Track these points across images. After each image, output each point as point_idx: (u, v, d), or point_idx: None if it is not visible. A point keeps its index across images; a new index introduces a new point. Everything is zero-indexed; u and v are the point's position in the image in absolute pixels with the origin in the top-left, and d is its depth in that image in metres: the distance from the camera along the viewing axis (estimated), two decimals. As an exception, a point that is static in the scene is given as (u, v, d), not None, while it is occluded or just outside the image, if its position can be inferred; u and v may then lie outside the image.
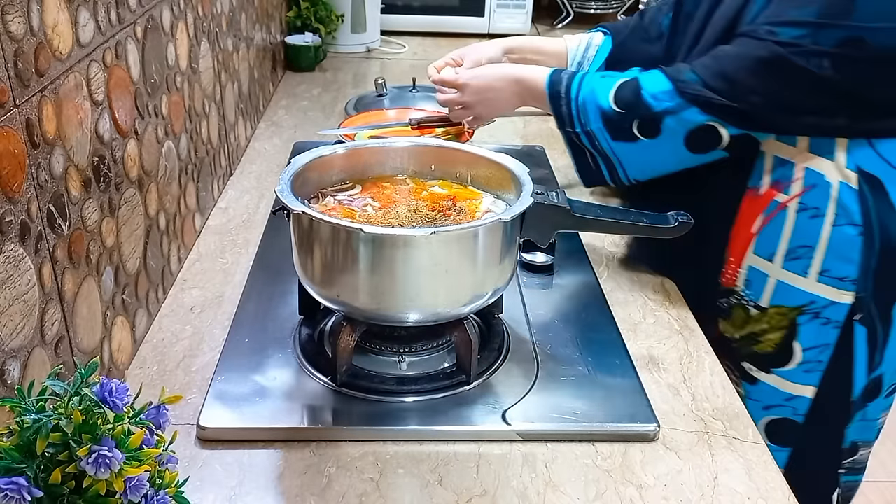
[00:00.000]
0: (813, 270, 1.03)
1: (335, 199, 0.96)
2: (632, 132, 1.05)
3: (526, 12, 2.34)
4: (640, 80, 1.05)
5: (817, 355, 1.07)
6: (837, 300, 1.03)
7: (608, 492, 0.78)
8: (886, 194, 0.99)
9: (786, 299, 1.06)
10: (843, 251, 1.01)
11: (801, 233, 1.03)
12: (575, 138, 1.10)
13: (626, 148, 1.06)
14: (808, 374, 1.08)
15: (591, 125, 1.07)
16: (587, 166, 1.12)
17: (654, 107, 1.02)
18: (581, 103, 1.08)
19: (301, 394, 0.88)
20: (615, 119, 1.05)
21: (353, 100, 1.73)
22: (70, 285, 0.77)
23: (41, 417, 0.53)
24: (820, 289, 1.04)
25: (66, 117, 0.76)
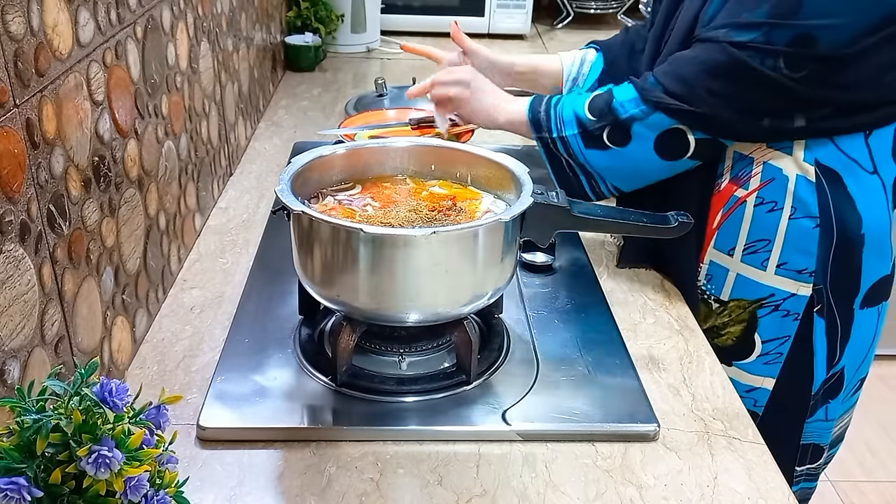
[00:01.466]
0: (771, 263, 1.05)
1: (335, 199, 0.96)
2: (602, 140, 1.06)
3: (526, 12, 2.34)
4: (612, 90, 1.07)
5: (777, 347, 1.08)
6: (796, 292, 1.05)
7: (608, 492, 0.78)
8: (844, 187, 1.01)
9: (745, 293, 1.08)
10: (801, 244, 1.03)
11: (759, 226, 1.05)
12: (551, 145, 1.10)
13: (599, 156, 1.07)
14: (767, 366, 1.09)
15: (565, 131, 1.08)
16: (565, 176, 1.12)
17: (621, 114, 1.04)
18: (559, 110, 1.10)
19: (301, 394, 0.88)
20: (588, 126, 1.06)
21: (353, 100, 1.73)
22: (70, 285, 0.77)
23: (41, 417, 0.53)
24: (779, 281, 1.05)
25: (66, 117, 0.76)
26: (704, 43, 1.00)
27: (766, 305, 1.07)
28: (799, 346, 1.07)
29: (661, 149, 1.04)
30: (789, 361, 1.09)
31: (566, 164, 1.11)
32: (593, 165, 1.09)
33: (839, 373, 1.10)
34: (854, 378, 1.13)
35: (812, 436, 1.13)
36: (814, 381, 1.09)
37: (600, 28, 2.59)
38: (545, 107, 1.12)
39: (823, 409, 1.11)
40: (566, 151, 1.09)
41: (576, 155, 1.09)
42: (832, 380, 1.10)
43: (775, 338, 1.08)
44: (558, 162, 1.12)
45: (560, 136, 1.09)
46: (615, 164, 1.07)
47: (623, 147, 1.05)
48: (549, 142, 1.11)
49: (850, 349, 1.09)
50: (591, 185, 1.11)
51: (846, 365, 1.10)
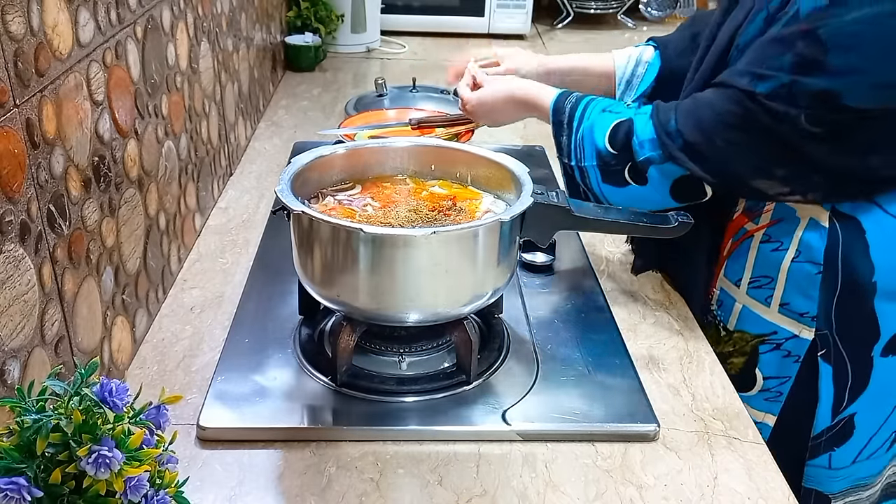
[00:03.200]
0: (774, 301, 1.03)
1: (335, 199, 0.96)
2: (623, 177, 1.01)
3: (526, 12, 2.34)
4: (633, 122, 1.00)
5: (777, 386, 1.05)
6: (799, 334, 1.01)
7: (608, 492, 0.78)
8: (862, 232, 0.95)
9: (749, 325, 1.06)
10: (802, 287, 1.00)
11: (763, 263, 1.03)
12: (570, 170, 1.07)
13: (614, 192, 1.03)
14: (768, 402, 1.06)
15: (585, 162, 1.04)
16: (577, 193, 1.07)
17: (638, 155, 0.99)
18: (580, 138, 1.04)
19: (301, 394, 0.88)
20: (608, 160, 1.01)
21: (353, 100, 1.73)
22: (70, 285, 0.77)
23: (41, 417, 0.53)
24: (782, 320, 1.02)
25: (66, 117, 0.76)
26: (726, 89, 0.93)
27: (769, 342, 1.05)
28: (801, 389, 1.03)
29: (676, 194, 1.00)
30: (789, 403, 1.05)
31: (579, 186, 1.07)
32: (609, 199, 1.04)
33: (846, 420, 1.03)
34: (867, 425, 1.04)
35: (813, 481, 1.07)
36: (815, 425, 1.03)
37: (600, 28, 2.59)
38: (567, 129, 1.06)
39: (827, 456, 1.05)
40: (582, 180, 1.05)
41: (592, 187, 1.04)
42: (837, 426, 1.03)
43: (776, 376, 1.05)
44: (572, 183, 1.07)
45: (579, 167, 1.05)
46: (629, 201, 1.02)
47: (641, 186, 1.00)
48: (566, 167, 1.07)
49: (866, 397, 1.01)
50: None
51: (858, 412, 1.02)
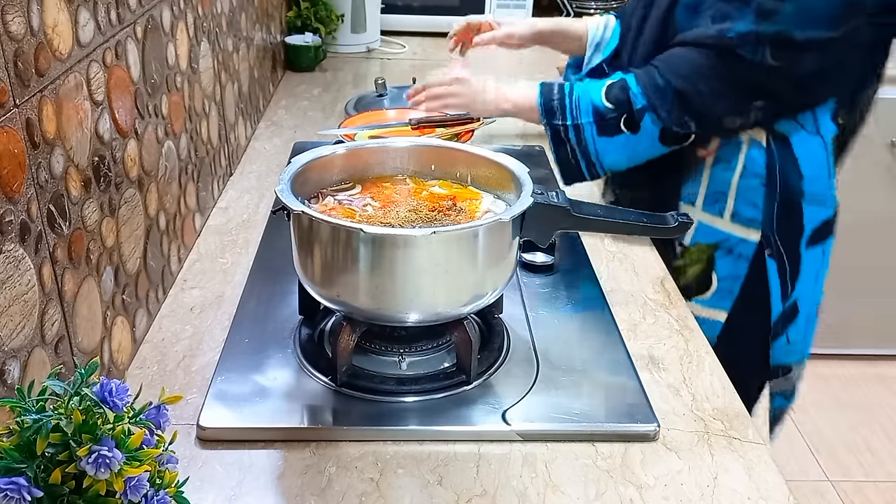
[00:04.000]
0: (727, 212, 1.23)
1: (335, 199, 0.96)
2: (618, 127, 1.17)
3: (526, 12, 2.33)
4: (626, 80, 1.17)
5: (730, 285, 1.26)
6: (747, 238, 1.23)
7: (608, 492, 0.78)
8: (791, 148, 1.18)
9: (704, 237, 1.25)
10: (749, 197, 1.21)
11: (715, 182, 1.23)
12: (562, 131, 1.20)
13: (607, 142, 1.18)
14: (721, 300, 1.27)
15: (581, 119, 1.19)
16: (567, 162, 1.23)
17: (636, 104, 1.15)
18: (575, 98, 1.20)
19: (301, 394, 0.88)
20: (605, 114, 1.17)
21: (353, 100, 1.73)
22: (70, 285, 0.77)
23: (41, 417, 0.53)
24: (733, 228, 1.23)
25: (66, 117, 0.76)
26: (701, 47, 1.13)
27: (722, 248, 1.25)
28: (750, 284, 1.25)
29: (664, 138, 1.17)
30: (741, 297, 1.26)
31: (570, 150, 1.21)
32: (600, 153, 1.20)
33: (794, 305, 1.29)
34: (811, 305, 1.32)
35: (779, 357, 1.32)
36: (772, 313, 1.26)
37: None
38: (559, 94, 1.21)
39: (784, 335, 1.30)
40: (576, 138, 1.19)
41: (586, 142, 1.19)
42: (788, 310, 1.28)
43: (729, 276, 1.25)
44: (564, 148, 1.21)
45: (574, 124, 1.19)
46: (620, 150, 1.19)
47: (633, 134, 1.17)
48: (560, 129, 1.20)
49: (800, 283, 1.27)
50: (589, 169, 1.23)
51: (799, 296, 1.28)
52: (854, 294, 2.48)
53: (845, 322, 2.54)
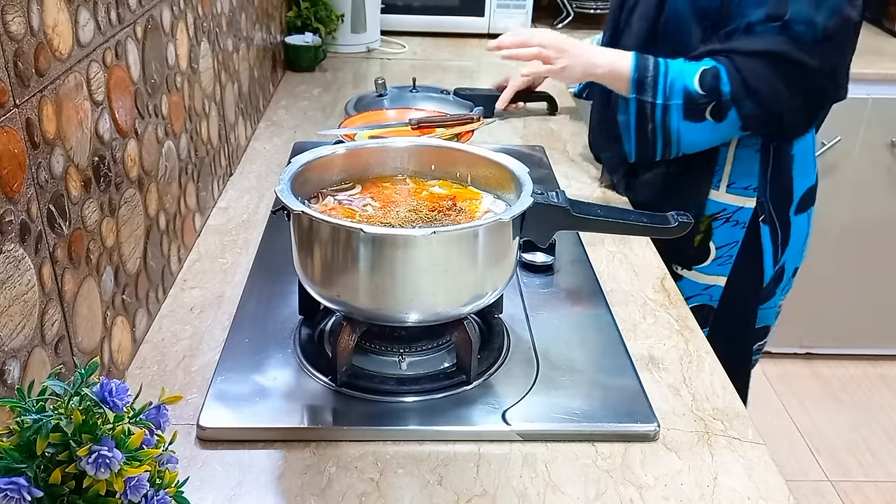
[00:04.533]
0: (723, 184, 1.32)
1: (335, 199, 0.96)
2: (704, 114, 1.21)
3: (526, 12, 2.33)
4: (719, 70, 1.19)
5: (728, 251, 1.34)
6: (743, 205, 1.31)
7: (608, 492, 0.78)
8: None
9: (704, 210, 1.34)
10: (745, 166, 1.30)
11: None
12: (648, 109, 1.23)
13: (691, 126, 1.23)
14: (720, 266, 1.36)
15: (672, 100, 1.22)
16: (644, 139, 1.27)
17: (725, 95, 1.19)
18: (670, 80, 1.22)
19: (301, 394, 0.88)
20: (696, 99, 1.20)
21: (353, 100, 1.73)
22: (70, 285, 0.77)
23: (41, 417, 0.53)
24: (729, 198, 1.32)
25: (66, 117, 0.76)
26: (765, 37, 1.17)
27: (720, 218, 1.33)
28: (747, 250, 1.33)
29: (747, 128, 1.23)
30: (738, 262, 1.34)
31: (651, 128, 1.25)
32: (683, 135, 1.24)
33: (782, 267, 1.39)
34: (791, 269, 1.42)
35: (764, 319, 1.44)
36: (764, 276, 1.36)
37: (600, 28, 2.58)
38: (654, 71, 1.23)
39: (772, 299, 1.42)
40: (662, 118, 1.23)
41: (670, 122, 1.23)
42: (777, 273, 1.38)
43: (727, 243, 1.34)
44: (646, 125, 1.25)
45: (664, 104, 1.22)
46: (700, 135, 1.24)
47: (718, 122, 1.21)
48: (647, 105, 1.23)
49: (789, 248, 1.37)
50: (664, 149, 1.26)
51: (787, 261, 1.39)
52: (854, 294, 2.48)
53: (845, 322, 2.54)
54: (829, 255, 2.39)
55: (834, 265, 2.42)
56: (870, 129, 2.24)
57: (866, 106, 2.21)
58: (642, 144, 1.27)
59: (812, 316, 2.50)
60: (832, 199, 2.30)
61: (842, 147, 2.25)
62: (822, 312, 2.51)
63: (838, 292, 2.47)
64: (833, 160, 2.27)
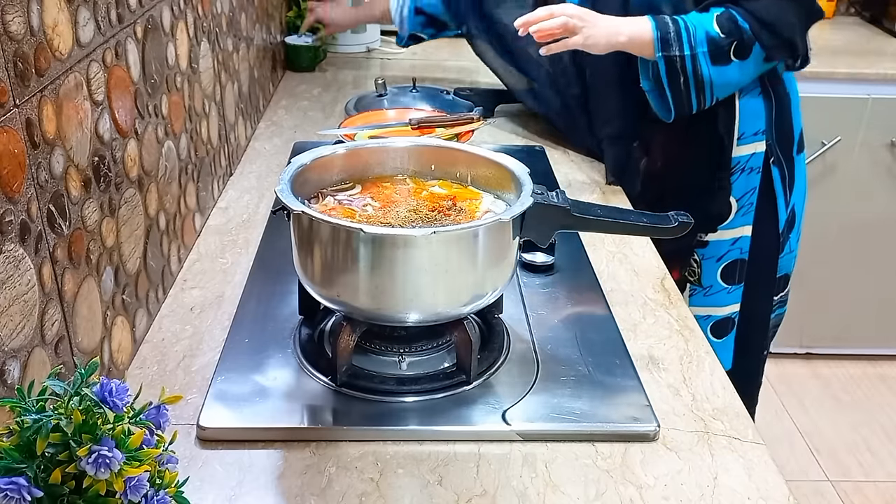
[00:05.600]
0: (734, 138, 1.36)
1: (335, 199, 0.96)
2: (729, 56, 1.26)
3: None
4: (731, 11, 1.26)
5: (748, 199, 1.39)
6: (755, 151, 1.37)
7: (608, 492, 0.78)
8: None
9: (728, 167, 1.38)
10: (752, 111, 1.35)
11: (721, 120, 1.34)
12: (678, 62, 1.27)
13: (720, 71, 1.27)
14: (744, 216, 1.40)
15: (697, 48, 1.26)
16: (679, 93, 1.30)
17: (745, 33, 1.25)
18: (693, 29, 1.27)
19: (301, 394, 0.88)
20: (720, 42, 1.26)
21: (353, 100, 1.73)
22: (70, 285, 0.77)
23: (41, 417, 0.53)
24: (742, 149, 1.37)
25: (66, 117, 0.76)
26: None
27: (735, 171, 1.38)
28: (763, 194, 1.38)
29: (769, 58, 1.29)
30: (759, 207, 1.40)
31: (683, 81, 1.29)
32: (714, 80, 1.28)
33: (792, 209, 1.43)
34: (800, 212, 1.46)
35: (784, 268, 1.47)
36: (779, 221, 1.40)
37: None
38: (674, 26, 1.27)
39: (788, 244, 1.44)
40: (692, 67, 1.27)
41: (701, 70, 1.27)
42: (789, 216, 1.43)
43: (745, 192, 1.38)
44: (678, 79, 1.29)
45: (692, 54, 1.26)
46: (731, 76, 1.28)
47: (742, 60, 1.27)
48: (676, 59, 1.27)
49: (795, 189, 1.42)
50: (698, 98, 1.30)
51: (795, 203, 1.43)
52: (854, 294, 2.48)
53: (845, 322, 2.54)
54: (829, 255, 2.39)
55: (833, 265, 2.42)
56: (870, 129, 2.24)
57: (866, 106, 2.21)
58: (678, 99, 1.31)
59: (812, 316, 2.50)
60: (832, 199, 2.30)
61: (842, 147, 2.25)
62: (822, 312, 2.51)
63: (838, 292, 2.47)
64: (833, 160, 2.27)
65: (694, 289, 1.46)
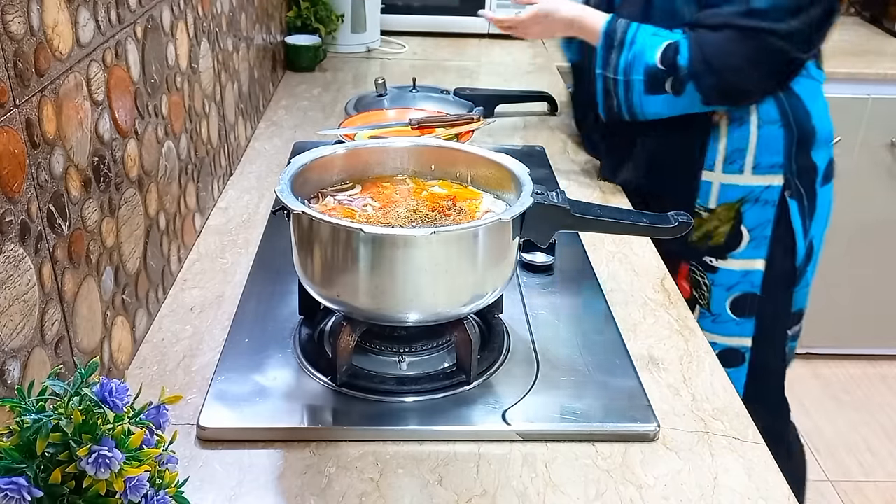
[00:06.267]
0: (748, 167, 1.30)
1: (335, 199, 0.96)
2: (664, 88, 1.25)
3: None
4: (679, 45, 1.22)
5: (761, 231, 1.33)
6: (771, 184, 1.30)
7: (608, 492, 0.78)
8: (795, 93, 1.28)
9: (729, 196, 1.32)
10: (769, 144, 1.29)
11: (733, 140, 1.30)
12: (611, 85, 1.28)
13: (651, 100, 1.26)
14: (756, 249, 1.33)
15: (633, 76, 1.26)
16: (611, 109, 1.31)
17: (681, 72, 1.22)
18: (632, 56, 1.26)
19: (301, 394, 0.88)
20: (656, 74, 1.24)
21: (353, 100, 1.73)
22: (70, 285, 0.77)
23: (41, 417, 0.53)
24: (756, 179, 1.30)
25: (66, 117, 0.76)
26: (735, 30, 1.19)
27: (748, 201, 1.31)
28: (779, 227, 1.32)
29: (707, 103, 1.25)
30: (773, 240, 1.33)
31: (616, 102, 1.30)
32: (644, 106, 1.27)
33: (810, 243, 1.36)
34: (820, 245, 1.40)
35: (799, 302, 1.40)
36: (797, 254, 1.34)
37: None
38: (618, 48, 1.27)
39: (804, 278, 1.38)
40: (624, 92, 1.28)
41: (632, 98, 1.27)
42: (808, 249, 1.36)
43: (759, 224, 1.32)
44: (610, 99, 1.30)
45: (626, 80, 1.27)
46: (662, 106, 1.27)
47: (677, 96, 1.24)
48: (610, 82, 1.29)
49: (815, 221, 1.35)
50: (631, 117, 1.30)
51: (815, 235, 1.37)
52: (854, 294, 2.48)
53: (845, 322, 2.54)
54: (829, 255, 2.38)
55: (834, 265, 2.41)
56: (870, 129, 2.24)
57: (866, 106, 2.21)
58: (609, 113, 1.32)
59: (812, 316, 2.48)
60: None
61: (842, 147, 2.24)
62: (822, 312, 2.50)
63: (838, 292, 2.47)
64: (833, 160, 2.27)
65: (703, 312, 1.39)
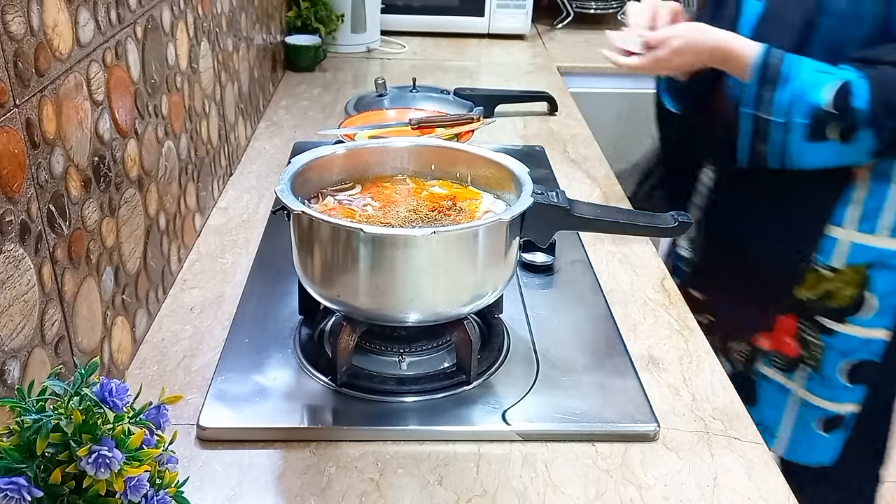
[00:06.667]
0: (882, 228, 1.12)
1: (335, 199, 0.96)
2: (825, 134, 1.03)
3: (526, 12, 2.33)
4: (852, 85, 1.01)
5: (890, 301, 1.16)
6: None
7: (608, 492, 0.78)
8: None
9: (859, 257, 1.14)
10: None
11: (874, 197, 1.11)
12: (764, 126, 1.07)
13: (812, 147, 1.05)
14: (881, 318, 1.16)
15: (794, 118, 1.04)
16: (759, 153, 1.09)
17: (858, 115, 1.01)
18: (794, 96, 1.04)
19: (301, 394, 0.88)
20: (823, 118, 1.03)
21: (353, 100, 1.73)
22: (70, 285, 0.77)
23: (41, 417, 0.53)
24: (890, 243, 1.12)
25: (66, 117, 0.76)
26: None
27: (877, 265, 1.13)
28: None
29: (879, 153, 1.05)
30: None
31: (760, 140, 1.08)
32: (796, 153, 1.06)
33: None
34: None
35: None
36: None
37: (600, 28, 2.58)
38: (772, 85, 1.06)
39: None
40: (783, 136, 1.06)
41: (789, 142, 1.06)
42: None
43: (889, 292, 1.15)
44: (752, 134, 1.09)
45: (784, 122, 1.05)
46: (820, 156, 1.06)
47: (843, 143, 1.04)
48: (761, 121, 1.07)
49: None
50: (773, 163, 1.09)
51: None
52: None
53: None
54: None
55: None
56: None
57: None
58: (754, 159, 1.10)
59: None
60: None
61: (842, 147, 2.25)
62: None
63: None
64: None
65: (812, 374, 1.23)
